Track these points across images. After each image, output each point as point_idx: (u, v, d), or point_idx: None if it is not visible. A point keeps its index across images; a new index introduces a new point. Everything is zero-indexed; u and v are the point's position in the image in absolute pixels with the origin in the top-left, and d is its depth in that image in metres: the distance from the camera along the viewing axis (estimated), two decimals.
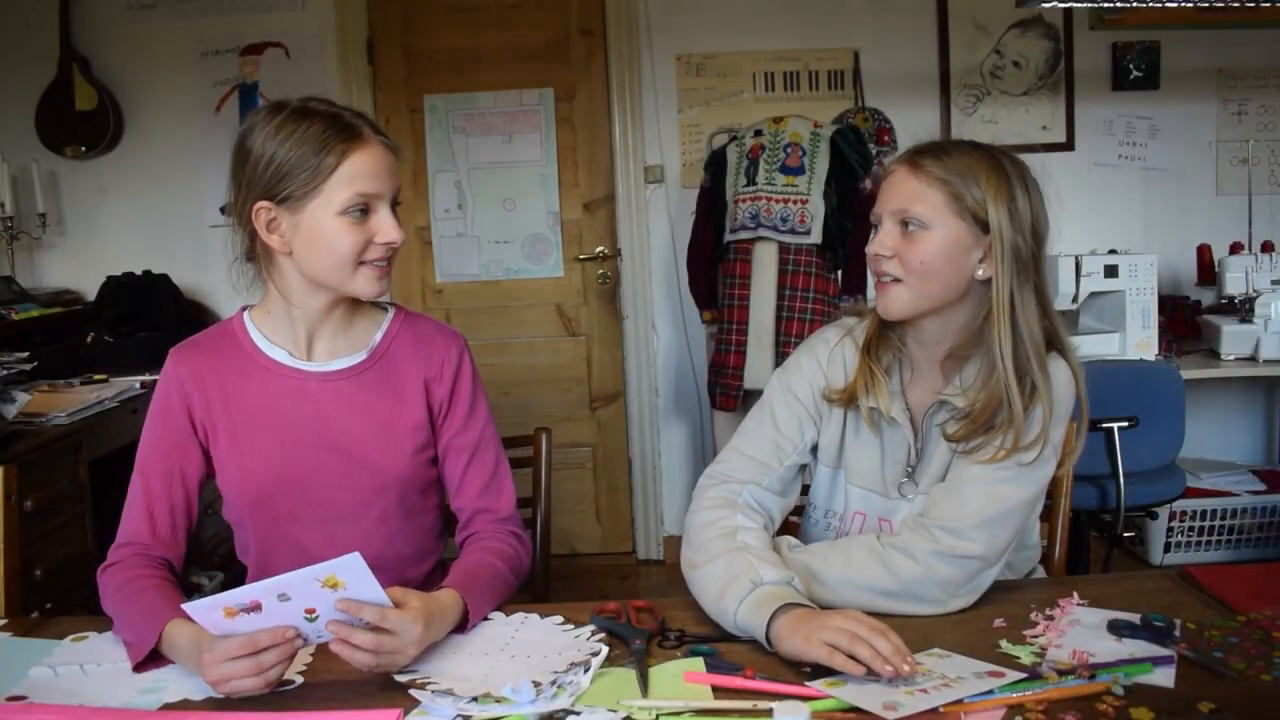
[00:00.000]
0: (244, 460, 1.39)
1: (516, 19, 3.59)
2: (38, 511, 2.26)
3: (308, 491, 1.40)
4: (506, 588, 1.38)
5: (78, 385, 2.85)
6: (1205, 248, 3.39)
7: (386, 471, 1.41)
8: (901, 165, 1.35)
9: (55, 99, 3.46)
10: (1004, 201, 1.30)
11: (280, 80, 3.55)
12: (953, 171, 1.30)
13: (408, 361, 1.44)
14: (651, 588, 3.53)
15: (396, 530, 1.44)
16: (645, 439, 3.73)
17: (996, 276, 1.30)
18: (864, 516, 1.41)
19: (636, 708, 1.03)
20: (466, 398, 1.46)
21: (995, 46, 3.60)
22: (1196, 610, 1.23)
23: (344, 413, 1.40)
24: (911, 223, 1.31)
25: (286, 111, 1.31)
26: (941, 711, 1.01)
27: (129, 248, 3.51)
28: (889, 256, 1.32)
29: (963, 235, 1.30)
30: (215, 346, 1.42)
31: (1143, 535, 3.36)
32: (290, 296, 1.38)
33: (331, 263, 1.32)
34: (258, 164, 1.30)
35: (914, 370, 1.41)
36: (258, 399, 1.39)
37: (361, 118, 1.34)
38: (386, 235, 1.33)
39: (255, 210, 1.31)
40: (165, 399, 1.41)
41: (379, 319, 1.46)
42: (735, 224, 3.11)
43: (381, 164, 1.32)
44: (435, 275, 3.71)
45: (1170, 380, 2.64)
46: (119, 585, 1.30)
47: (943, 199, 1.30)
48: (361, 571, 1.07)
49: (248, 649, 1.06)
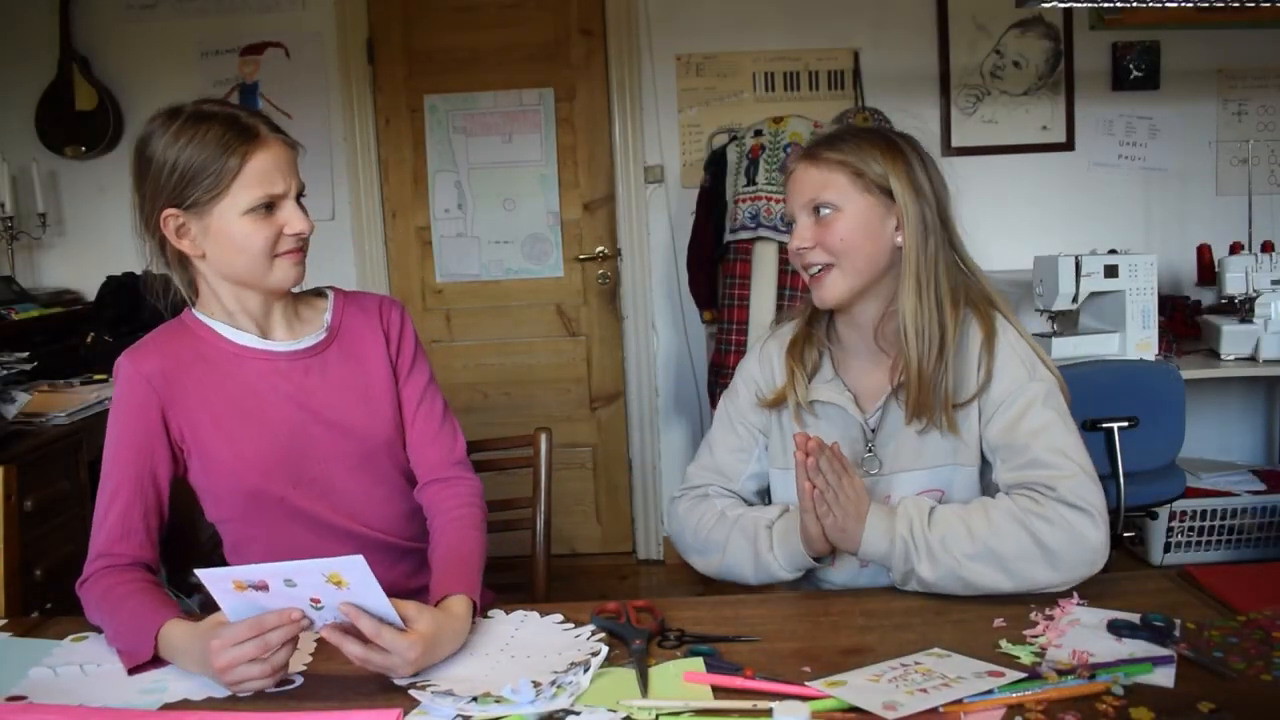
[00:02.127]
0: (237, 448, 1.39)
1: (516, 19, 3.59)
2: (38, 511, 2.26)
3: (304, 467, 1.41)
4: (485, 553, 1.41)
5: (78, 385, 2.85)
6: (1205, 248, 3.39)
7: (374, 435, 1.45)
8: (800, 161, 1.42)
9: (55, 99, 3.47)
10: (901, 171, 1.37)
11: (280, 80, 3.55)
12: (849, 153, 1.38)
13: (363, 329, 1.49)
14: (651, 588, 3.53)
15: (394, 490, 1.49)
16: (645, 439, 3.73)
17: (906, 241, 1.37)
18: None
19: (636, 708, 1.03)
20: (410, 352, 1.52)
21: (995, 46, 3.60)
22: (1196, 610, 1.23)
23: (322, 386, 1.43)
24: (823, 208, 1.38)
25: (184, 117, 1.33)
26: (941, 711, 1.00)
27: (129, 248, 3.46)
28: (811, 247, 1.38)
29: (873, 208, 1.38)
30: (173, 343, 1.42)
31: (1143, 535, 3.35)
32: (223, 297, 1.40)
33: (246, 261, 1.35)
34: (160, 171, 1.32)
35: (851, 354, 1.47)
36: (235, 385, 1.40)
37: (258, 116, 1.36)
38: (294, 226, 1.35)
39: (164, 218, 1.34)
40: (130, 400, 1.38)
41: (322, 303, 1.51)
42: (735, 224, 3.11)
43: (282, 160, 1.35)
44: (435, 275, 3.70)
45: (1170, 380, 2.64)
46: (100, 596, 1.29)
47: (846, 179, 1.37)
48: (363, 573, 1.07)
49: (255, 630, 1.07)
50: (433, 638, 1.15)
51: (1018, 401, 1.35)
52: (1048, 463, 1.31)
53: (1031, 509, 1.27)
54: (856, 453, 1.42)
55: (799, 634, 1.22)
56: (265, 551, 1.43)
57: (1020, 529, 1.26)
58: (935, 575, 1.27)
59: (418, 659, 1.12)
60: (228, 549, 1.49)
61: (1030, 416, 1.34)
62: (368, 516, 1.46)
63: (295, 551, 1.37)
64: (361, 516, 1.46)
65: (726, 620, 1.27)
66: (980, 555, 1.26)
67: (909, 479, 1.39)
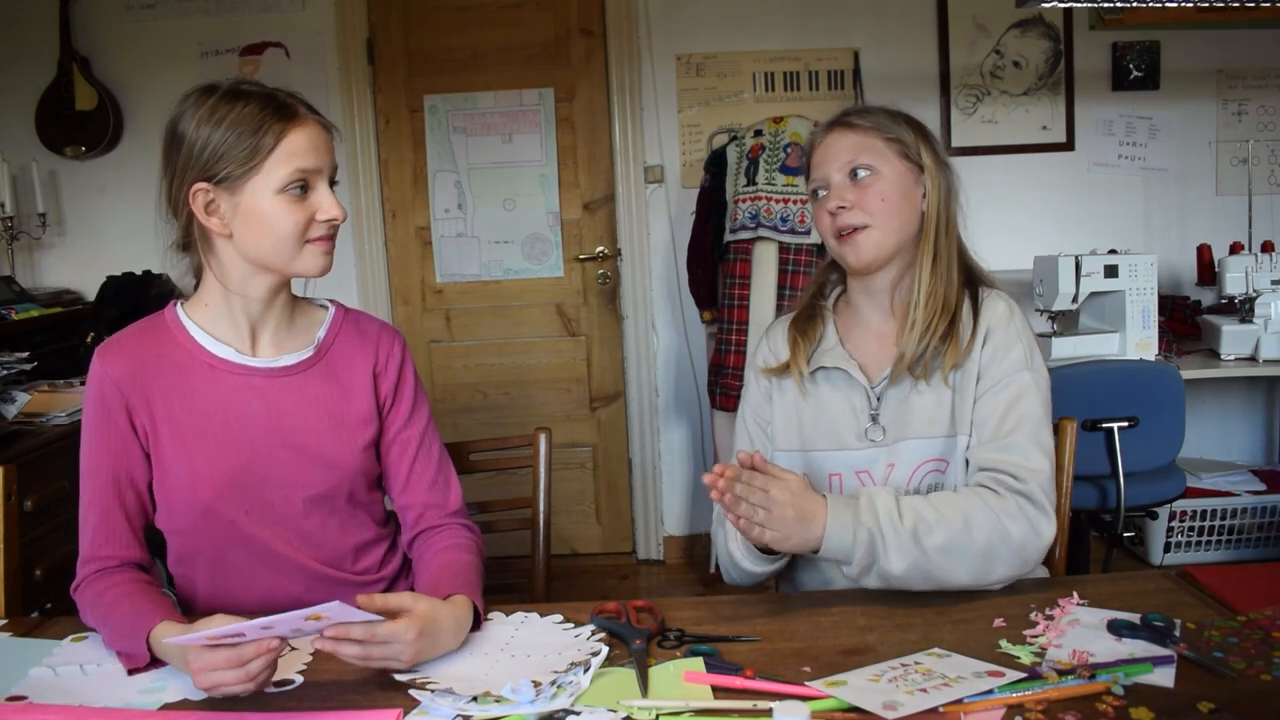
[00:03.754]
0: (194, 465, 1.34)
1: (516, 19, 3.59)
2: (38, 511, 2.26)
3: (262, 491, 1.37)
4: (483, 578, 1.38)
5: (78, 385, 2.84)
6: (1205, 248, 3.39)
7: (340, 466, 1.40)
8: (833, 128, 1.46)
9: (55, 99, 3.47)
10: (926, 143, 1.45)
11: (280, 80, 3.48)
12: (882, 123, 1.44)
13: (353, 354, 1.43)
14: (651, 588, 3.53)
15: (348, 521, 1.43)
16: (645, 439, 3.73)
17: (930, 207, 1.44)
18: (840, 476, 1.44)
19: (636, 708, 1.03)
20: (410, 393, 1.47)
21: (995, 46, 3.60)
22: (1196, 610, 1.23)
23: (295, 408, 1.38)
24: (861, 170, 1.42)
25: (219, 94, 1.30)
26: (941, 711, 1.00)
27: (129, 248, 3.50)
28: (849, 207, 1.41)
29: (906, 173, 1.43)
30: (149, 343, 1.37)
31: (1143, 535, 3.36)
32: (230, 284, 1.35)
33: (274, 242, 1.31)
34: (193, 147, 1.29)
35: (858, 323, 1.49)
36: (204, 399, 1.35)
37: (295, 97, 1.33)
38: (328, 211, 1.32)
39: (193, 192, 1.29)
40: (100, 403, 1.34)
41: (320, 316, 1.46)
42: (735, 224, 3.11)
43: (319, 140, 1.32)
44: (435, 275, 3.70)
45: (1170, 380, 2.64)
46: (93, 600, 1.28)
47: (883, 144, 1.43)
48: (348, 615, 1.06)
49: (233, 662, 1.05)
50: (429, 619, 1.14)
51: (1015, 383, 1.37)
52: (1026, 454, 1.33)
53: (1000, 506, 1.29)
54: (860, 422, 1.43)
55: (799, 634, 1.22)
56: (209, 567, 1.40)
57: (993, 525, 1.28)
58: (902, 568, 1.25)
59: (416, 639, 1.11)
60: (172, 559, 1.42)
61: (1022, 403, 1.36)
62: (317, 548, 1.41)
63: (239, 572, 1.36)
64: (310, 548, 1.40)
65: (726, 620, 1.26)
66: (949, 548, 1.26)
67: (912, 447, 1.40)
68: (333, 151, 1.35)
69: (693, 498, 3.75)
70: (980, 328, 1.40)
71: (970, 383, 1.39)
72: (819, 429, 1.46)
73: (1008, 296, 1.45)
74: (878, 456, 1.41)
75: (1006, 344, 1.39)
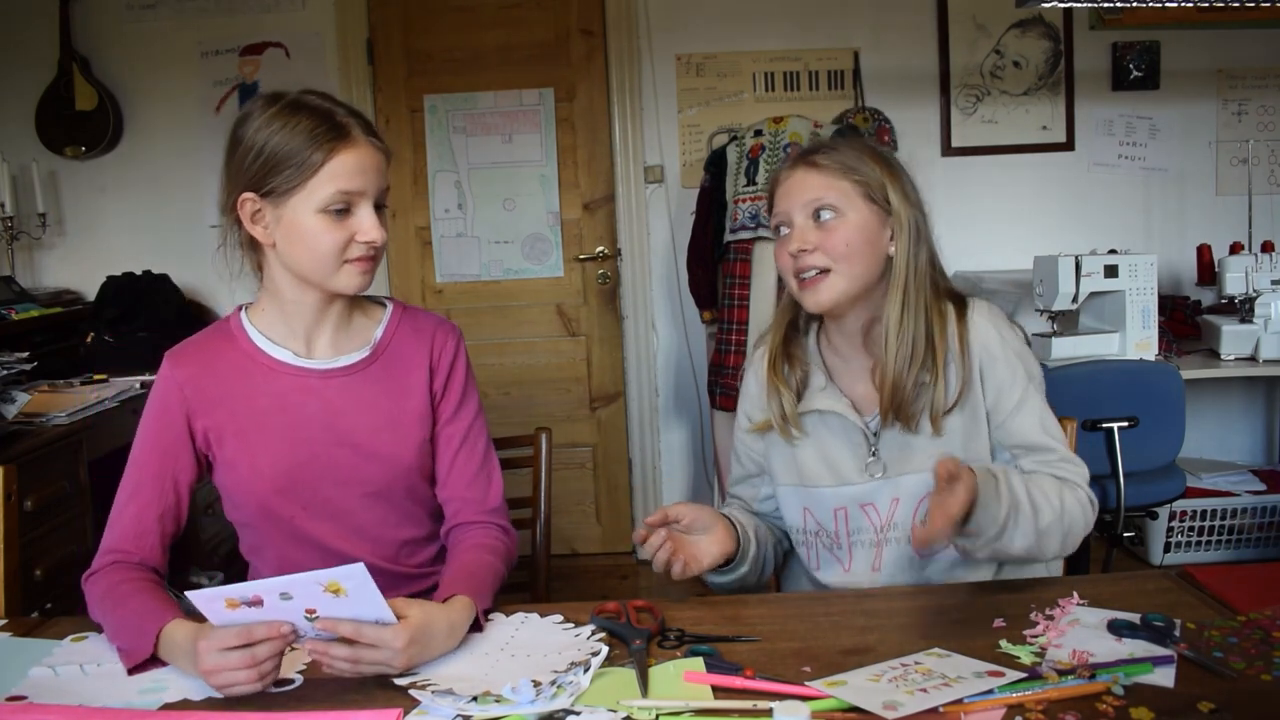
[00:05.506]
0: (256, 460, 1.39)
1: (516, 19, 3.59)
2: (38, 511, 2.26)
3: (320, 488, 1.40)
4: (501, 581, 1.39)
5: (78, 385, 2.85)
6: (1205, 248, 3.39)
7: (396, 462, 1.42)
8: (798, 166, 1.41)
9: (55, 99, 3.47)
10: (896, 183, 1.40)
11: (280, 81, 3.54)
12: (850, 162, 1.39)
13: (410, 353, 1.45)
14: (651, 588, 3.53)
15: (406, 516, 1.47)
16: (645, 439, 3.73)
17: (899, 251, 1.39)
18: (845, 510, 1.44)
19: (636, 708, 1.03)
20: (459, 387, 1.48)
21: (995, 46, 3.60)
22: (1196, 610, 1.23)
23: (351, 408, 1.41)
24: (825, 211, 1.38)
25: (282, 103, 1.32)
26: (941, 711, 1.00)
27: (129, 248, 3.51)
28: (811, 250, 1.37)
29: (873, 217, 1.39)
30: (214, 348, 1.42)
31: (1143, 535, 3.36)
32: (282, 293, 1.38)
33: (313, 259, 1.33)
34: (246, 154, 1.31)
35: (844, 360, 1.47)
36: (263, 399, 1.39)
37: (355, 116, 1.33)
38: (367, 234, 1.33)
39: (241, 201, 1.32)
40: (162, 403, 1.40)
41: (378, 315, 1.47)
42: (735, 224, 3.11)
43: (368, 163, 1.32)
44: (435, 275, 3.71)
45: (1170, 380, 2.64)
46: (104, 592, 1.29)
47: (850, 186, 1.38)
48: (363, 580, 1.06)
49: (243, 639, 1.07)
50: (421, 626, 1.14)
51: (1028, 402, 1.39)
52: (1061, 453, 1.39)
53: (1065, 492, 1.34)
54: (860, 457, 1.42)
55: (799, 634, 1.21)
56: (275, 559, 1.44)
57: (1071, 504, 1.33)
58: (1023, 544, 1.29)
59: (405, 646, 1.11)
60: (245, 549, 1.50)
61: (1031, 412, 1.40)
62: (374, 543, 1.44)
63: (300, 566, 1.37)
64: (367, 542, 1.43)
65: (726, 620, 1.26)
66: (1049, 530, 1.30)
67: (915, 481, 1.39)
68: (383, 174, 1.35)
69: (692, 498, 3.75)
70: (972, 362, 1.39)
71: (978, 425, 1.40)
72: (819, 466, 1.45)
73: (988, 306, 1.42)
74: (881, 489, 1.41)
75: (1009, 371, 1.39)
